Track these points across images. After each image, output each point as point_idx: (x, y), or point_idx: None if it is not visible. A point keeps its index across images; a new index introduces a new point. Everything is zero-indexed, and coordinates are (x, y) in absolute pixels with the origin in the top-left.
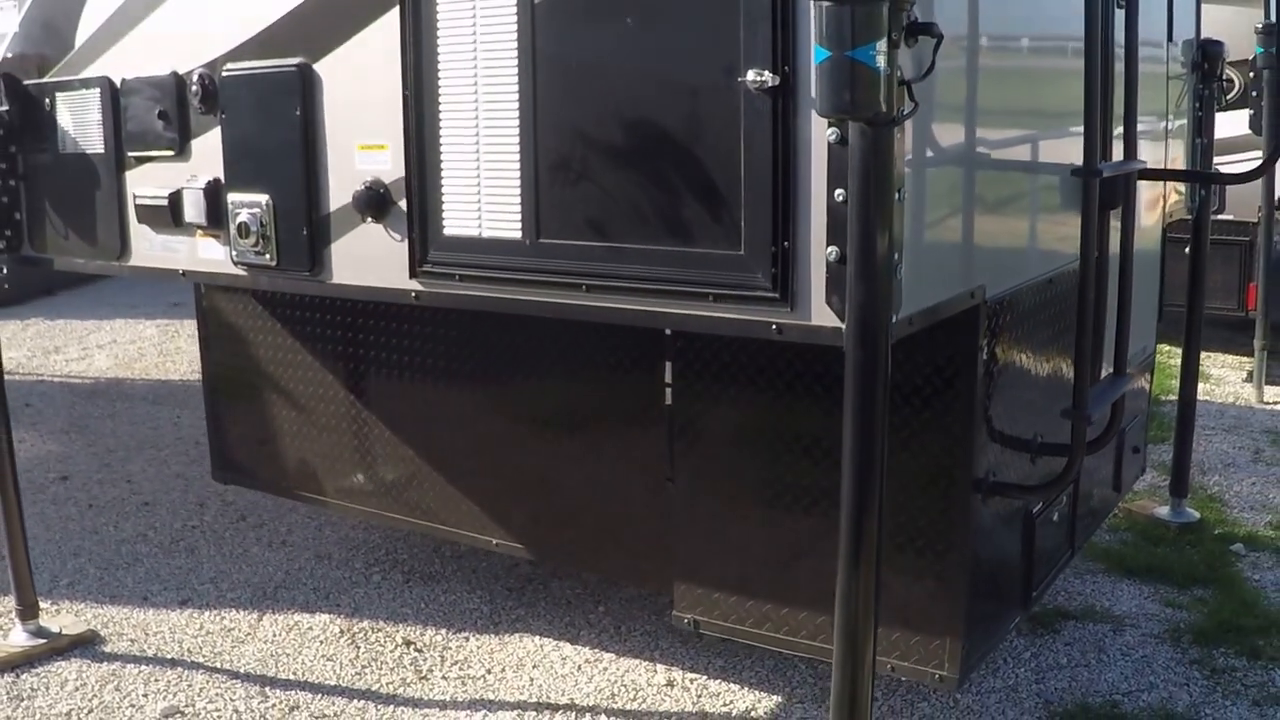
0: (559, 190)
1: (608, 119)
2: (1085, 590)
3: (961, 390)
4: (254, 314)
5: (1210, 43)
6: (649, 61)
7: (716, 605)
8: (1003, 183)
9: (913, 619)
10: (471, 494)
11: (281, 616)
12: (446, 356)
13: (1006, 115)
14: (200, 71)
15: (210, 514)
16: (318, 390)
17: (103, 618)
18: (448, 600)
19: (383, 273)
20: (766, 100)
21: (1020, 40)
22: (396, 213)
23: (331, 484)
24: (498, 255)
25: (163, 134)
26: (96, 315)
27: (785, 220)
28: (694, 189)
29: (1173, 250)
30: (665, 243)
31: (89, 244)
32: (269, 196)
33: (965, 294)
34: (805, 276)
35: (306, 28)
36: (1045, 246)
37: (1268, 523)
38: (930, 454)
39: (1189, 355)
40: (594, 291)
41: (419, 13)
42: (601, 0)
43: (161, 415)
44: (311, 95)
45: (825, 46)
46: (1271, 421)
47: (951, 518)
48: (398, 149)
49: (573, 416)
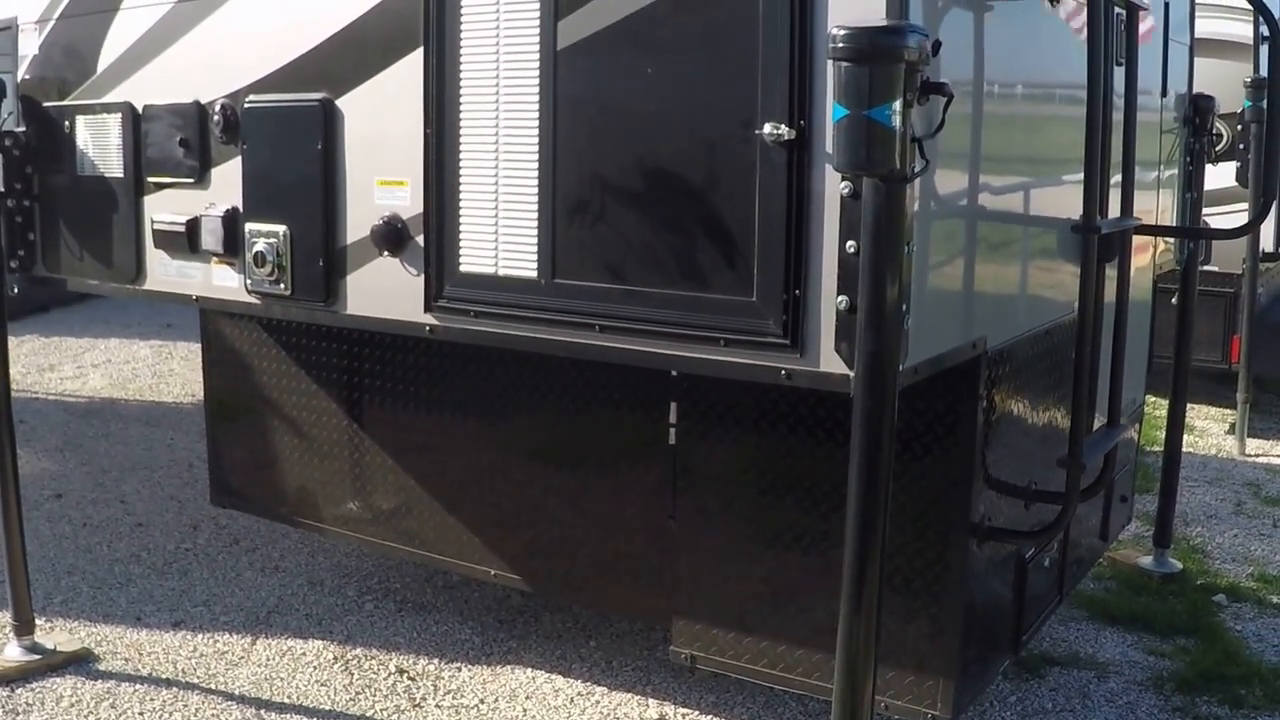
0: (576, 232)
1: (626, 164)
2: (1070, 637)
3: (962, 438)
4: (258, 341)
5: (1202, 97)
6: (668, 110)
7: (714, 641)
8: (1003, 236)
9: (907, 658)
10: (471, 525)
11: (275, 641)
12: (450, 388)
13: (1008, 171)
14: (223, 101)
15: (203, 537)
16: (319, 418)
17: (96, 636)
18: (440, 630)
19: (398, 306)
20: (782, 153)
21: (1022, 97)
22: (414, 247)
23: (331, 511)
24: (513, 293)
25: (183, 161)
26: (91, 334)
27: (797, 269)
28: (709, 236)
29: (1160, 302)
30: (679, 287)
31: (104, 266)
32: (287, 227)
33: (968, 344)
34: (815, 324)
35: (331, 64)
36: (1042, 298)
37: (1249, 574)
38: (929, 498)
39: (1175, 406)
40: (607, 332)
41: (442, 53)
42: (623, 48)
43: (155, 437)
44: (333, 130)
45: (844, 105)
46: (1253, 474)
47: (948, 561)
48: (417, 185)
49: (576, 452)
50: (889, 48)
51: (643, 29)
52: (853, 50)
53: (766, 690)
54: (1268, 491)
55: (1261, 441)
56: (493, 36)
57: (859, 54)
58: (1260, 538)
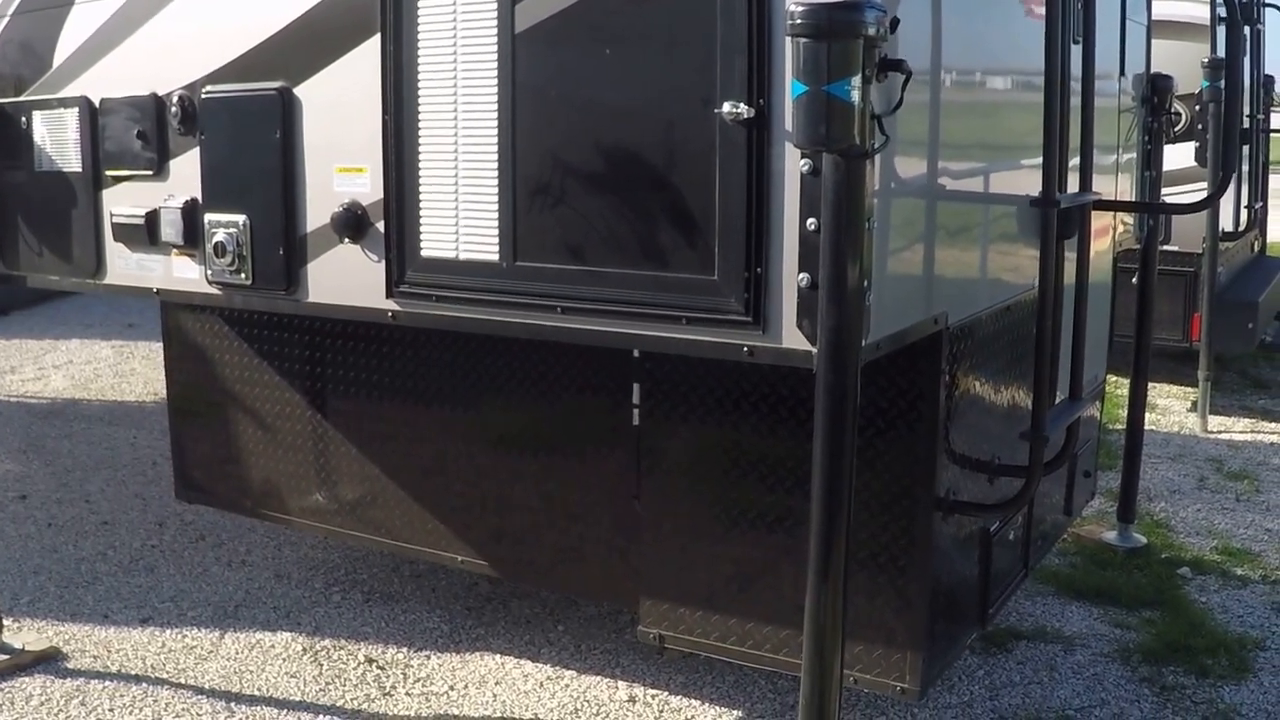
0: (536, 214)
1: (586, 146)
2: (1036, 611)
3: (925, 413)
4: (219, 333)
5: (1160, 77)
6: (627, 91)
7: (681, 620)
8: (964, 213)
9: (875, 633)
10: (436, 512)
11: (243, 635)
12: (412, 376)
13: (968, 148)
14: (180, 93)
15: (169, 533)
16: (283, 409)
17: (64, 635)
18: (408, 619)
19: (360, 293)
20: (741, 131)
21: (981, 75)
22: (374, 234)
23: (296, 503)
24: (475, 277)
25: (141, 154)
26: (52, 335)
27: (758, 247)
28: (669, 216)
29: (1120, 281)
30: (640, 267)
31: (64, 261)
32: (246, 217)
33: (929, 320)
34: (777, 301)
35: (288, 52)
36: (1003, 275)
37: (1213, 547)
38: (894, 474)
39: (1137, 383)
40: (569, 314)
41: (400, 39)
42: (582, 30)
43: (118, 436)
44: (291, 118)
45: (803, 81)
46: (1216, 450)
47: (914, 535)
48: (377, 171)
49: (540, 436)
50: (846, 23)
51: (600, 10)
52: (811, 26)
53: (736, 669)
54: (1230, 467)
55: (1223, 418)
56: (450, 21)
57: (817, 30)
58: (1223, 511)
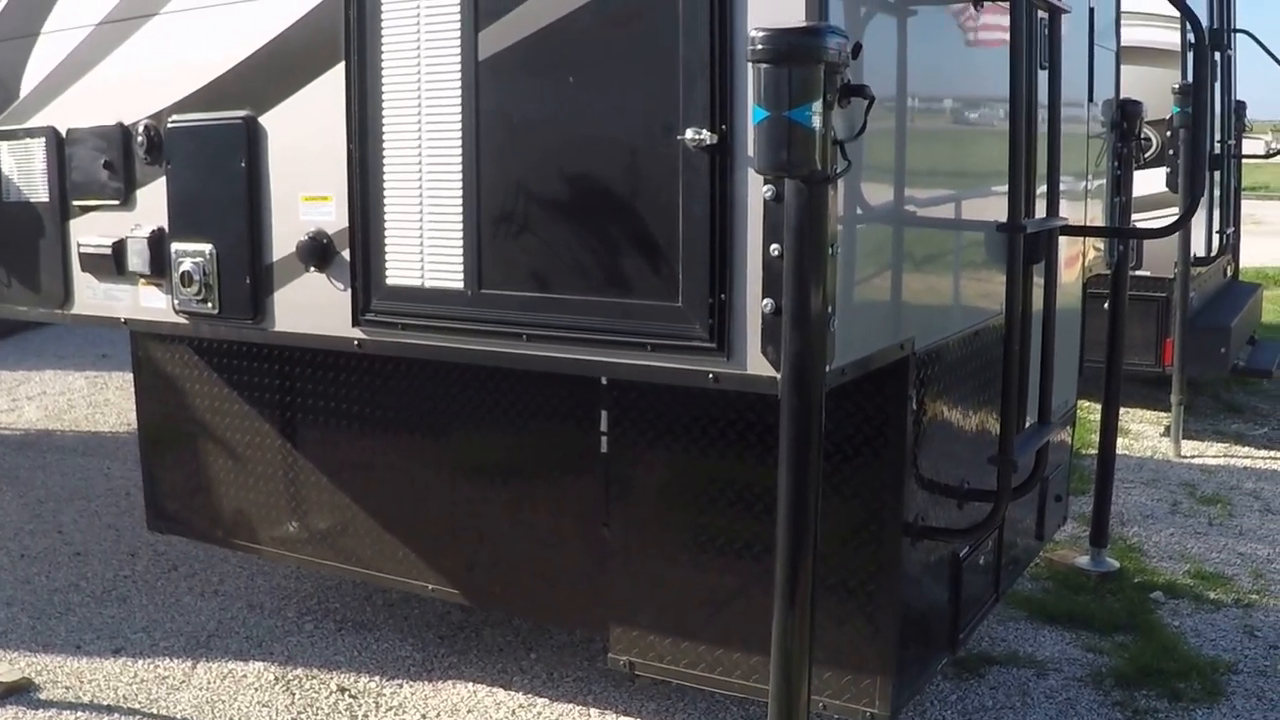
0: (500, 242)
1: (549, 173)
2: (1008, 636)
3: (892, 438)
4: (189, 363)
5: (1129, 102)
6: (590, 118)
7: (652, 647)
8: (930, 239)
9: (844, 658)
10: (407, 540)
11: (215, 664)
12: (382, 405)
13: (934, 174)
14: (146, 122)
15: (142, 564)
16: (253, 439)
17: (36, 666)
18: (380, 648)
19: (326, 321)
20: (704, 158)
21: (947, 101)
22: (340, 262)
23: (267, 532)
24: (440, 305)
25: (107, 184)
26: (25, 366)
27: (722, 273)
28: (633, 242)
29: (1091, 306)
30: (604, 294)
31: (31, 291)
32: (212, 246)
33: (895, 346)
34: (741, 327)
35: (252, 81)
36: (971, 300)
37: (1186, 571)
38: (862, 499)
39: (1109, 407)
40: (534, 341)
41: (364, 67)
42: (544, 56)
43: (92, 466)
44: (256, 147)
45: (764, 106)
46: (1189, 474)
47: (882, 561)
48: (341, 200)
49: (510, 464)
50: (808, 49)
51: (563, 37)
52: (772, 52)
53: (707, 696)
54: (1203, 491)
55: (1197, 443)
56: (414, 48)
57: (778, 55)
58: (1196, 536)
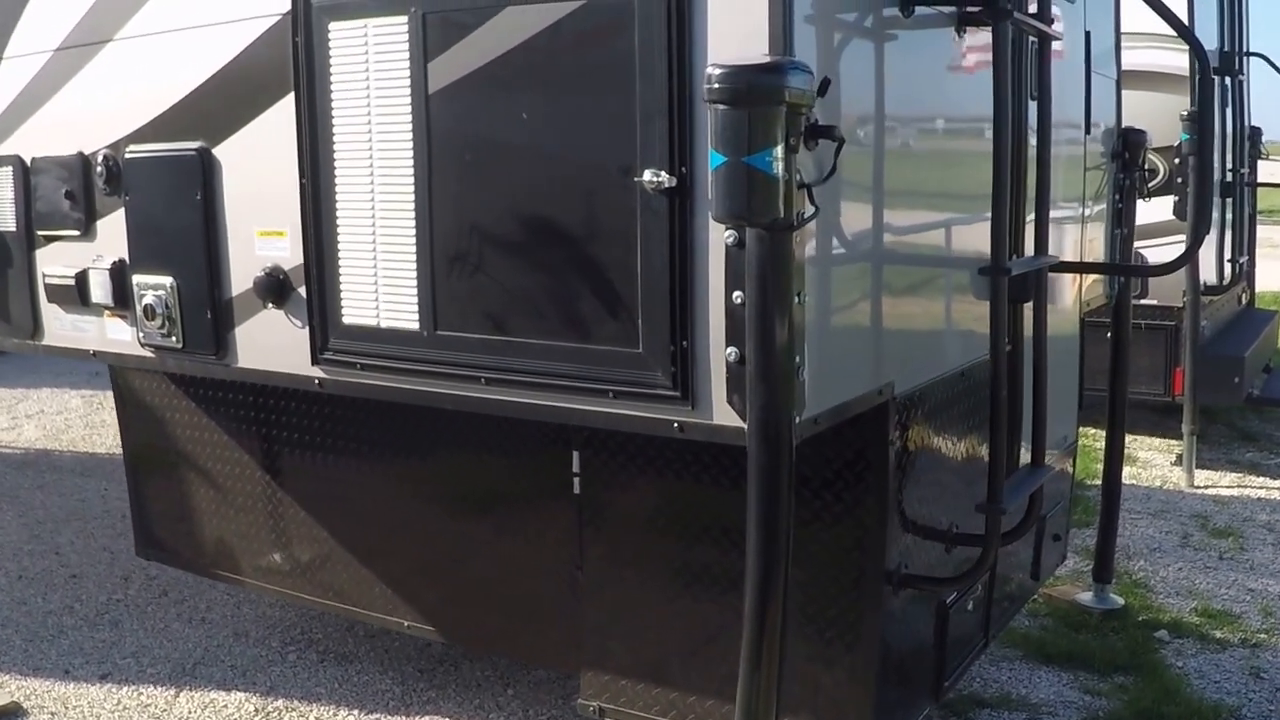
0: (456, 282)
1: (505, 212)
2: (1002, 677)
3: (872, 484)
4: (168, 393)
5: (1132, 131)
6: (545, 157)
7: (623, 692)
8: (911, 278)
9: (823, 707)
10: (384, 576)
11: (198, 694)
12: (357, 439)
13: (914, 210)
14: (105, 152)
15: (134, 588)
16: (232, 469)
17: (26, 690)
18: (360, 681)
19: (286, 358)
20: (664, 201)
21: (927, 137)
22: (297, 299)
23: (248, 563)
24: (396, 345)
25: (70, 214)
26: (24, 384)
27: (683, 320)
28: (591, 285)
29: (1097, 335)
30: (564, 338)
31: (2, 321)
32: (173, 279)
33: (874, 391)
34: (705, 376)
35: (205, 112)
36: (957, 340)
37: (1193, 609)
38: (842, 546)
39: (1112, 442)
40: (493, 385)
41: (313, 98)
42: (496, 91)
43: (89, 488)
44: (212, 179)
45: (721, 152)
46: (1201, 506)
47: (862, 609)
48: (296, 236)
49: (484, 502)
50: (768, 88)
51: (515, 69)
52: (728, 91)
53: None
54: (1215, 523)
55: (1210, 472)
56: (364, 78)
57: (735, 96)
58: (1205, 571)
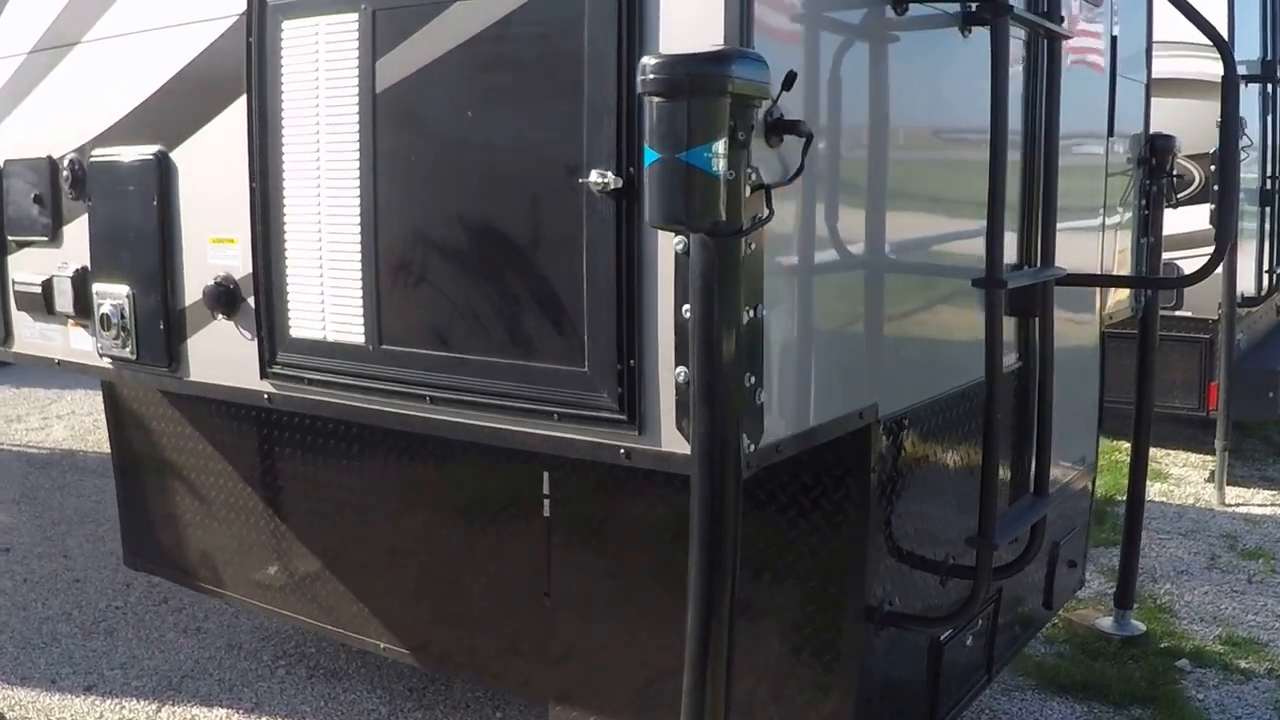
0: (401, 294)
1: (449, 220)
2: (1011, 709)
3: (853, 515)
4: (152, 402)
5: (1160, 137)
6: (490, 158)
7: None
8: (898, 292)
9: None
10: (361, 597)
11: (181, 709)
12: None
13: (902, 218)
14: (71, 156)
15: (135, 595)
16: (214, 481)
17: (11, 700)
18: (348, 699)
19: (236, 372)
20: (610, 203)
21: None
22: (246, 310)
23: (231, 577)
24: (343, 360)
25: (37, 219)
26: (59, 385)
27: (630, 336)
28: (536, 298)
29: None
30: (507, 355)
31: None
32: (129, 288)
33: (852, 414)
34: (654, 398)
35: (164, 115)
36: (954, 359)
37: (1217, 636)
38: (819, 580)
39: (1137, 461)
40: (439, 404)
41: (265, 100)
42: (442, 88)
43: (106, 489)
44: (168, 184)
45: (655, 148)
46: (1231, 525)
47: (840, 648)
48: (246, 244)
49: (456, 522)
50: (709, 77)
51: (461, 65)
52: (665, 82)
53: None
54: (1245, 544)
55: (1242, 489)
56: (313, 77)
57: (673, 87)
58: (1232, 595)
